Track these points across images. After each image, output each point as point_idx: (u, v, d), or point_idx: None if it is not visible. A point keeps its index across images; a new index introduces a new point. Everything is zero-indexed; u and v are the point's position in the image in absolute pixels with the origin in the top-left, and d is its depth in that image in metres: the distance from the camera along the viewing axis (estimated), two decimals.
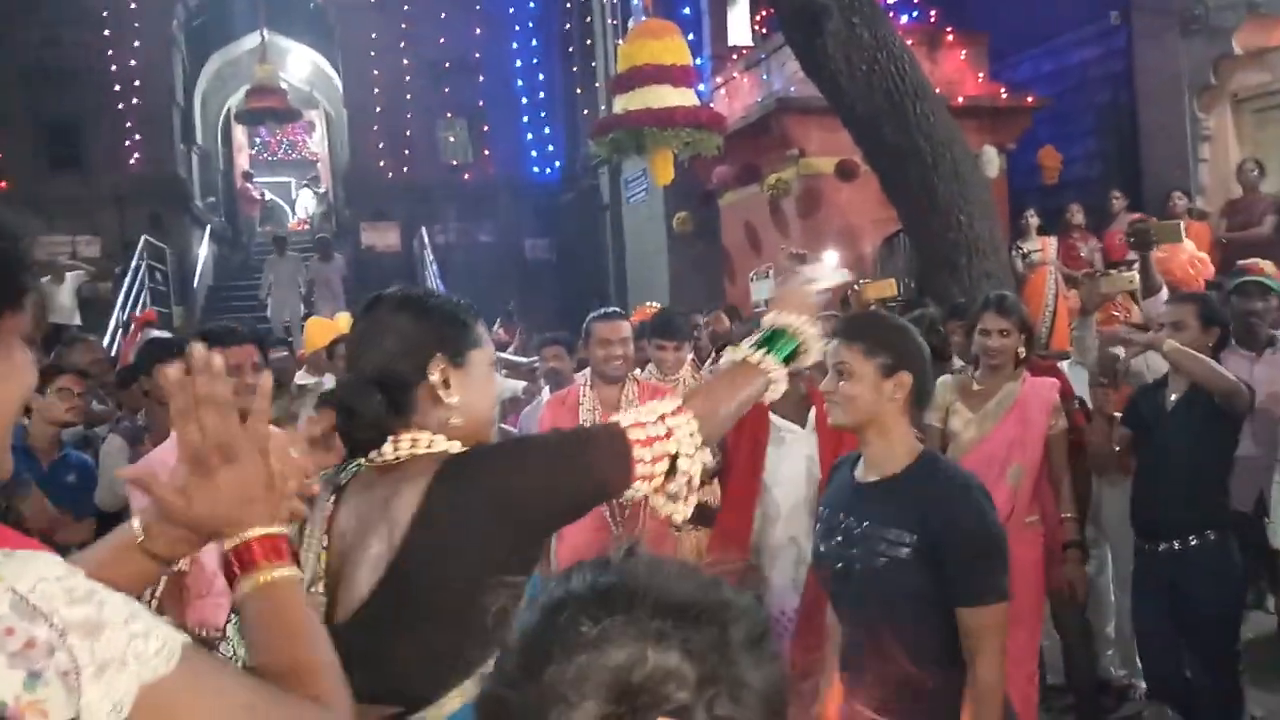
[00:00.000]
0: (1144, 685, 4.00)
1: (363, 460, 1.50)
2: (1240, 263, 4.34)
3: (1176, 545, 3.40)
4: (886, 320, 2.34)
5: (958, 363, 4.31)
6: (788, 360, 1.71)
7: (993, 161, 9.17)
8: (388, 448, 1.46)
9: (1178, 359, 3.36)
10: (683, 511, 1.56)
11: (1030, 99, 10.54)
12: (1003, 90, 10.53)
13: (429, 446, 1.46)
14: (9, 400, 0.96)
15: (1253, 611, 4.53)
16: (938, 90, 7.56)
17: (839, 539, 2.15)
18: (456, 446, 1.46)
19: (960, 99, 9.67)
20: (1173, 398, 3.50)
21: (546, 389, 5.09)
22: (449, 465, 1.42)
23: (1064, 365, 4.39)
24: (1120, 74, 10.41)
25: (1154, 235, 4.07)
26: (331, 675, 1.01)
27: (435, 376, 1.48)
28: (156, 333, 12.16)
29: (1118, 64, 10.46)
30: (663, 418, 1.53)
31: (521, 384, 5.95)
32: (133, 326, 13.01)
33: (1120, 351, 3.88)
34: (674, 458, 1.51)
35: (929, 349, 2.24)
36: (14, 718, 0.71)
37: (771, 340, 1.71)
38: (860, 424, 2.12)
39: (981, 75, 10.56)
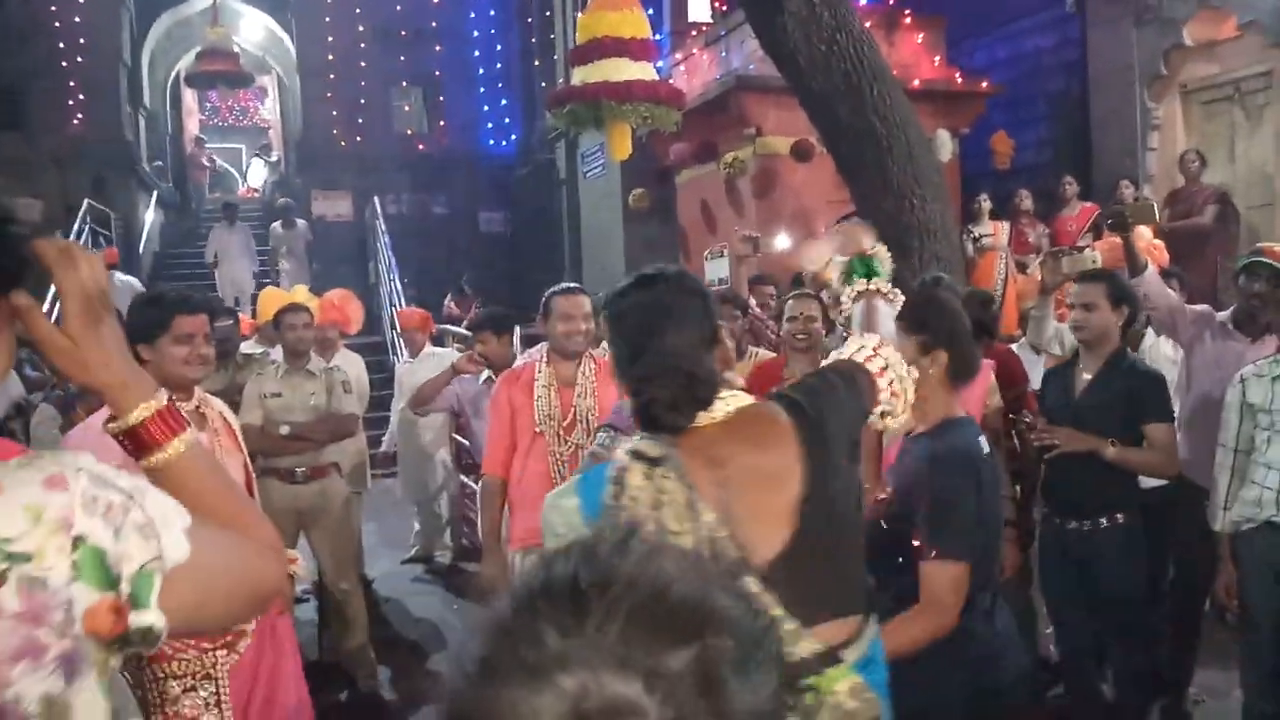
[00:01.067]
0: None
1: (683, 424, 1.62)
2: (1259, 244, 4.28)
3: (1086, 526, 3.46)
4: (934, 300, 2.55)
5: None
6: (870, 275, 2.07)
7: (946, 145, 9.25)
8: (719, 406, 1.62)
9: (1123, 461, 3.40)
10: (902, 420, 1.89)
11: (985, 84, 10.63)
12: (958, 75, 10.61)
13: (739, 401, 1.66)
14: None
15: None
16: (894, 73, 7.60)
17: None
18: (745, 397, 1.68)
19: (916, 82, 9.72)
20: (1085, 377, 3.55)
21: (487, 372, 5.06)
22: (796, 414, 1.62)
23: (1015, 347, 4.45)
24: (1074, 62, 10.52)
25: (1130, 216, 4.08)
26: (258, 517, 1.20)
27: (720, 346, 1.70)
28: (120, 276, 12.02)
29: (1072, 52, 10.57)
30: (876, 350, 1.83)
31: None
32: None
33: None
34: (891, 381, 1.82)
35: (977, 325, 2.57)
36: (113, 564, 0.93)
37: (856, 269, 2.07)
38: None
39: (938, 59, 10.62)
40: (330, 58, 16.25)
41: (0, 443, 1.05)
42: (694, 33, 11.84)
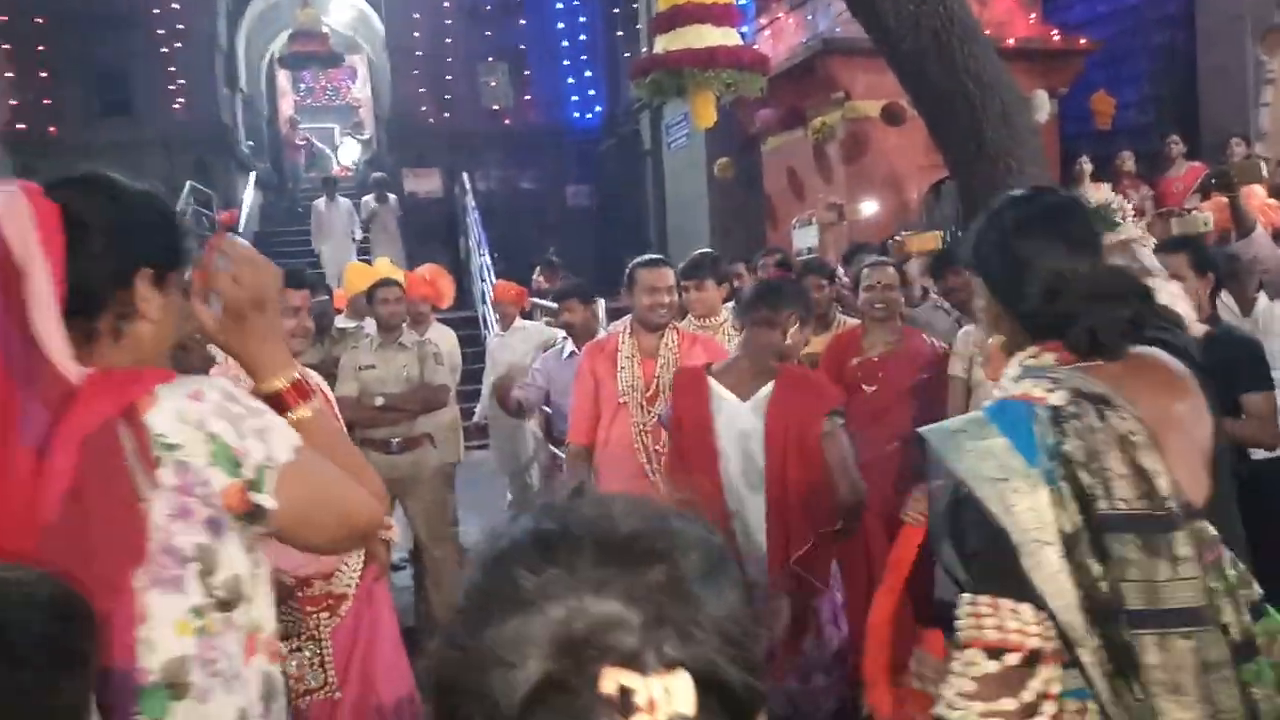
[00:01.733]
0: None
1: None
2: None
3: None
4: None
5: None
6: None
7: (1043, 106, 8.95)
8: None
9: None
10: None
11: (1083, 41, 10.26)
12: (1055, 32, 10.24)
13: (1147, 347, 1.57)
14: (167, 335, 1.43)
15: None
16: (988, 32, 7.36)
17: None
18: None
19: (1011, 41, 9.44)
20: None
21: (569, 341, 5.10)
22: (1188, 360, 1.55)
23: None
24: (1178, 15, 10.07)
25: (1235, 175, 3.91)
26: (368, 471, 1.47)
27: None
28: (236, 238, 12.50)
29: (1177, 4, 10.12)
30: None
31: (560, 333, 5.96)
32: (207, 250, 13.28)
33: None
34: None
35: None
36: (238, 456, 1.25)
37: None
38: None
39: (1034, 16, 10.27)
40: (417, 35, 16.45)
41: (160, 371, 1.35)
42: None
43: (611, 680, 0.58)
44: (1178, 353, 1.56)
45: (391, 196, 13.98)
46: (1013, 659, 1.31)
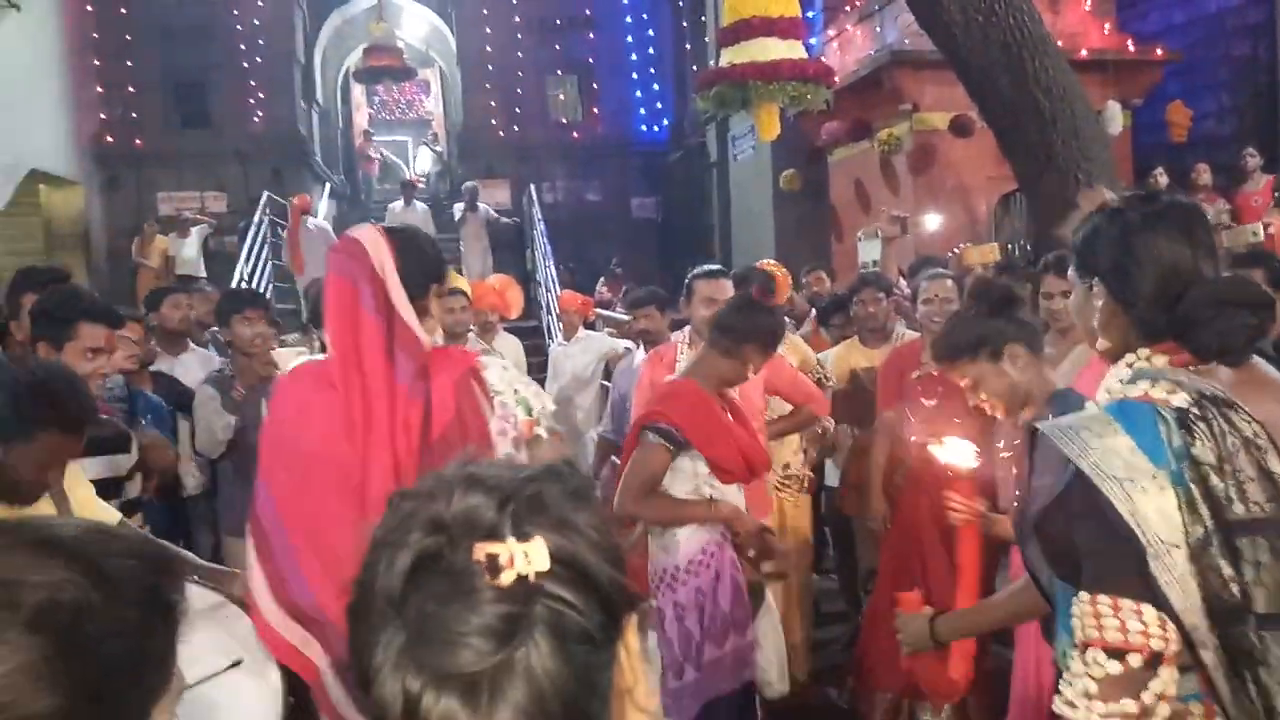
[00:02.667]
0: None
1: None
2: None
3: None
4: (972, 325, 2.56)
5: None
6: None
7: (1116, 118, 8.79)
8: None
9: None
10: None
11: (1159, 51, 10.04)
12: (1130, 42, 10.05)
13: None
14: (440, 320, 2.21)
15: None
16: (1060, 42, 7.28)
17: None
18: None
19: (1084, 52, 9.29)
20: None
21: (640, 349, 5.12)
22: None
23: None
24: (1261, 23, 9.82)
25: None
26: None
27: None
28: (313, 220, 12.96)
29: (1258, 12, 9.87)
30: None
31: (623, 343, 6.01)
32: (291, 215, 13.80)
33: None
34: None
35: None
36: (531, 403, 2.09)
37: None
38: (1018, 407, 2.49)
39: (1108, 26, 10.10)
40: (488, 49, 16.72)
41: (470, 350, 2.16)
42: (847, 8, 11.62)
43: (480, 551, 0.70)
44: (1272, 361, 1.57)
45: (482, 205, 13.96)
46: (1135, 660, 1.31)
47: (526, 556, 0.70)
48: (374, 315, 1.99)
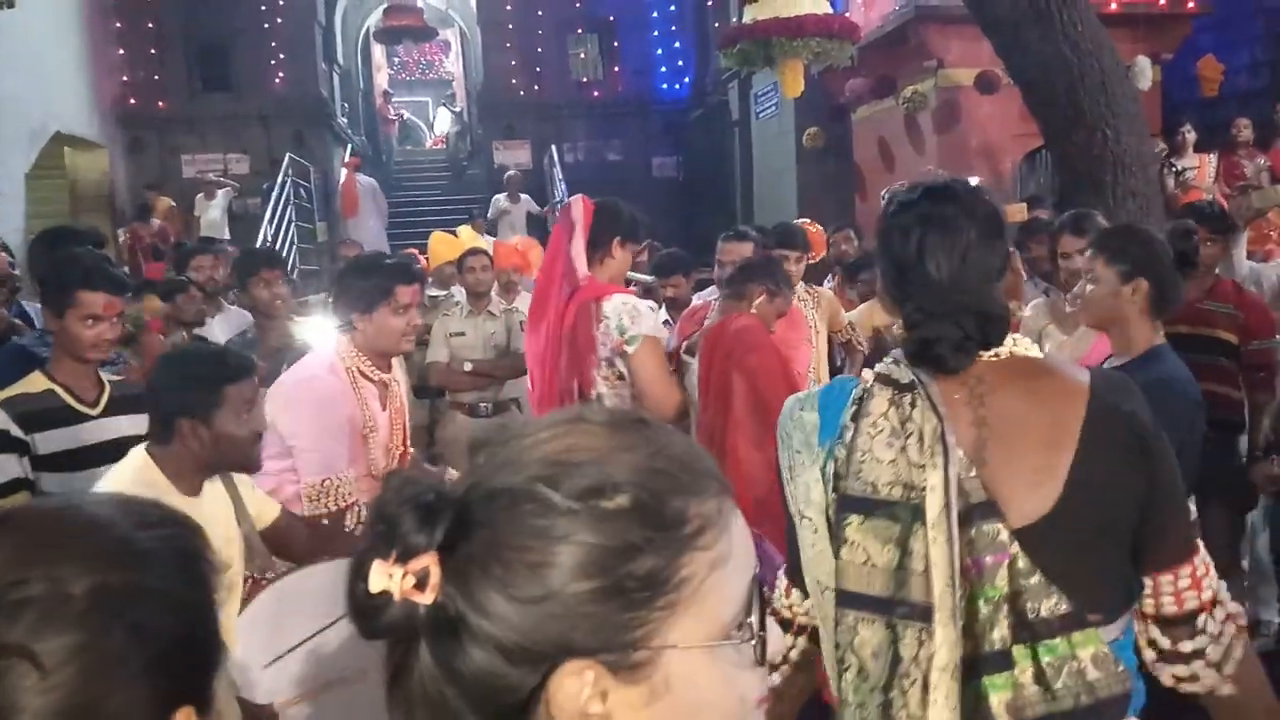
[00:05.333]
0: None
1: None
2: None
3: None
4: (1134, 231, 2.64)
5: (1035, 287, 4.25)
6: None
7: (1145, 73, 8.63)
8: (1008, 345, 1.45)
9: None
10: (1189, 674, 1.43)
11: (1191, 4, 9.83)
12: None
13: (1027, 349, 1.48)
14: (619, 269, 3.32)
15: None
16: None
17: None
18: (1036, 350, 1.49)
19: (1113, 5, 9.11)
20: None
21: (663, 309, 5.13)
22: (1100, 385, 1.42)
23: None
24: None
25: None
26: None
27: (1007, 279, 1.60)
28: (363, 178, 13.09)
29: None
30: (1227, 612, 1.44)
31: (646, 303, 6.00)
32: (345, 171, 14.01)
33: None
34: (1189, 614, 1.41)
35: (1180, 257, 2.59)
36: (627, 329, 3.04)
37: None
38: (1101, 322, 2.55)
39: None
40: (508, 8, 16.57)
41: (615, 286, 3.20)
42: None
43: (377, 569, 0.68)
44: (1113, 389, 1.45)
45: (524, 196, 13.50)
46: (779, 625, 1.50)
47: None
48: (562, 253, 3.13)
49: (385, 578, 0.64)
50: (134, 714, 0.70)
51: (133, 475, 2.15)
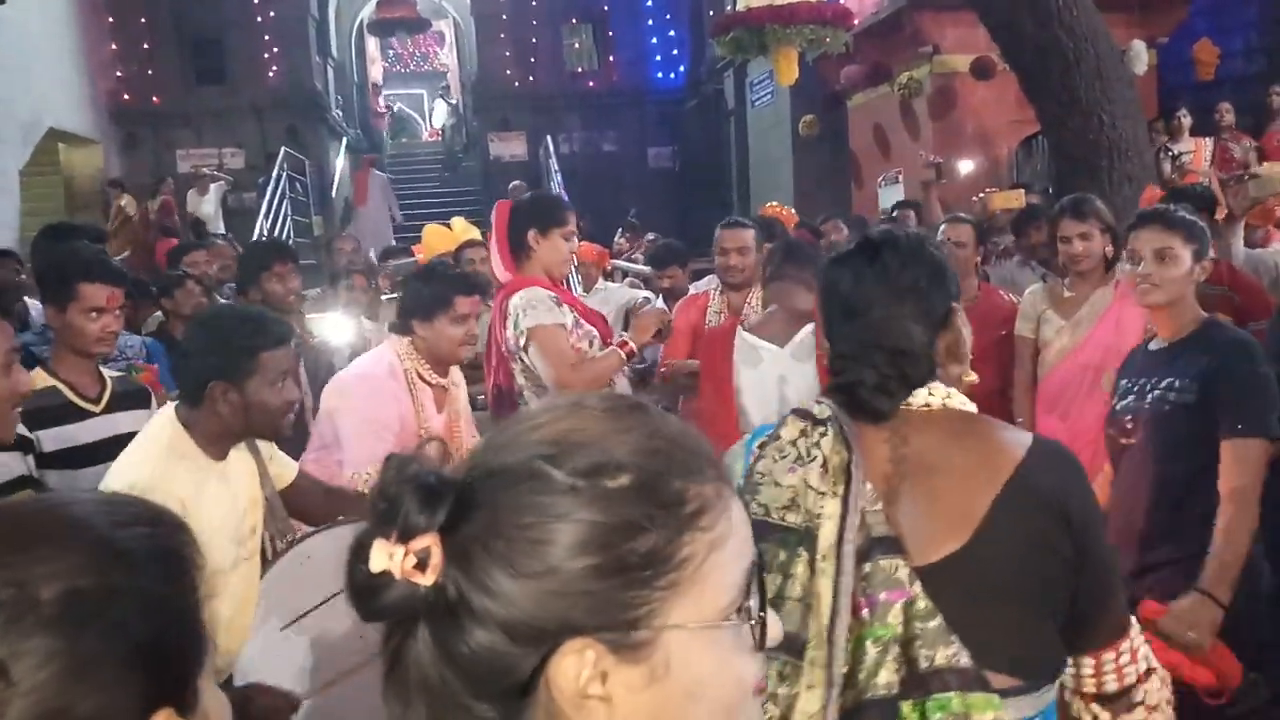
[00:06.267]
0: None
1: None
2: None
3: None
4: (1189, 214, 2.65)
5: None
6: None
7: (1140, 57, 8.62)
8: (937, 395, 1.40)
9: None
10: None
11: None
12: None
13: (963, 405, 1.42)
14: (550, 260, 3.34)
15: None
16: None
17: (1133, 397, 2.57)
18: (971, 406, 1.43)
19: None
20: None
21: (659, 300, 5.16)
22: (1039, 446, 1.36)
23: None
24: None
25: None
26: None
27: (948, 338, 1.44)
28: (376, 171, 13.40)
29: None
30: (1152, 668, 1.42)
31: (643, 294, 6.02)
32: (363, 164, 14.27)
33: None
34: (1128, 688, 1.39)
35: None
36: (518, 319, 3.16)
37: None
38: (1171, 300, 2.55)
39: None
40: None
41: (532, 279, 3.17)
42: None
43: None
44: (1047, 459, 1.39)
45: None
46: None
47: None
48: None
49: (386, 558, 0.64)
50: (111, 717, 0.68)
51: (163, 439, 2.14)
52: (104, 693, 0.68)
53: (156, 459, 2.09)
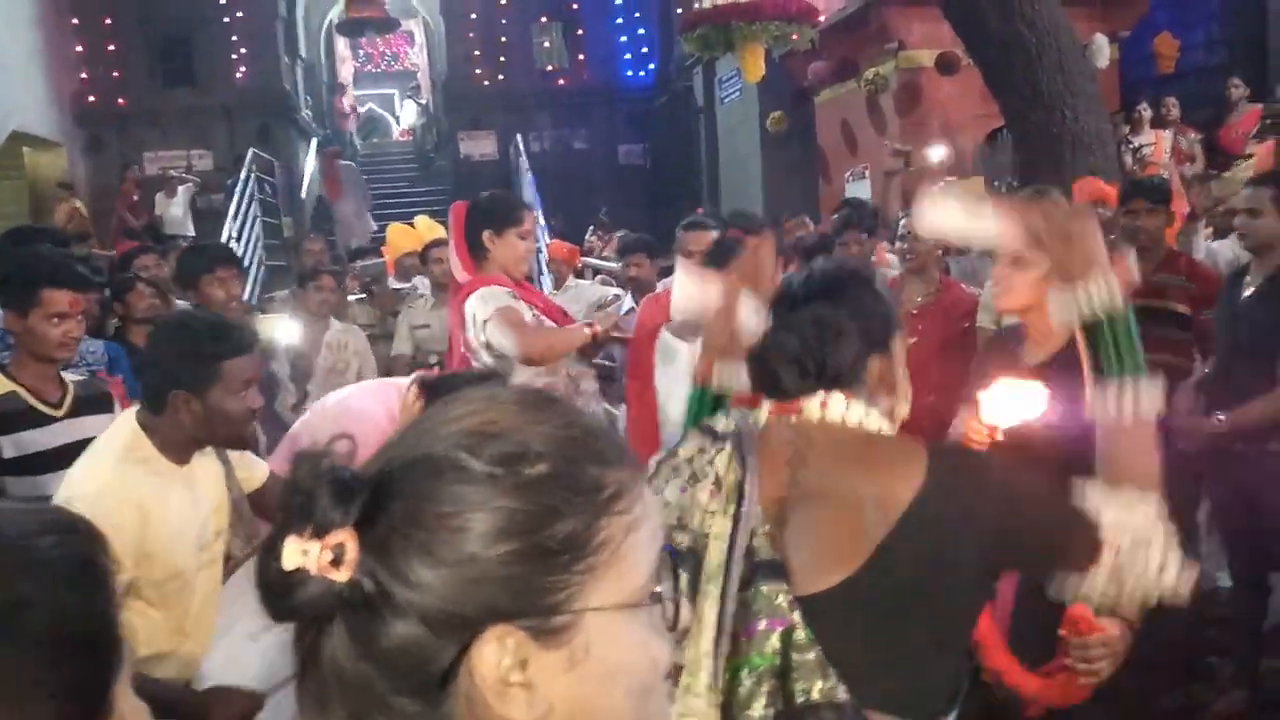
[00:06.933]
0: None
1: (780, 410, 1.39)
2: None
3: (1253, 449, 3.20)
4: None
5: None
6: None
7: (1102, 51, 8.71)
8: (854, 412, 1.35)
9: (1242, 423, 3.13)
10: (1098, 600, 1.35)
11: None
12: None
13: (879, 426, 1.37)
14: (505, 260, 3.32)
15: None
16: None
17: None
18: (889, 427, 1.39)
19: None
20: (1249, 289, 3.35)
21: (629, 296, 5.17)
22: (940, 462, 1.30)
23: None
24: None
25: None
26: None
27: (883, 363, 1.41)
28: (342, 162, 13.96)
29: None
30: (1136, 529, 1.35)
31: (613, 291, 6.04)
32: (329, 158, 14.70)
33: None
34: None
35: None
36: (472, 317, 3.16)
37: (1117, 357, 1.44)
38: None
39: None
40: None
41: (487, 279, 3.15)
42: None
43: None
44: (952, 469, 1.33)
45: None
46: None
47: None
48: None
49: (300, 554, 0.63)
50: None
51: (121, 444, 2.12)
52: (15, 705, 0.67)
53: (113, 464, 2.08)
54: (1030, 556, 1.34)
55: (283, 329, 3.88)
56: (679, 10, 14.76)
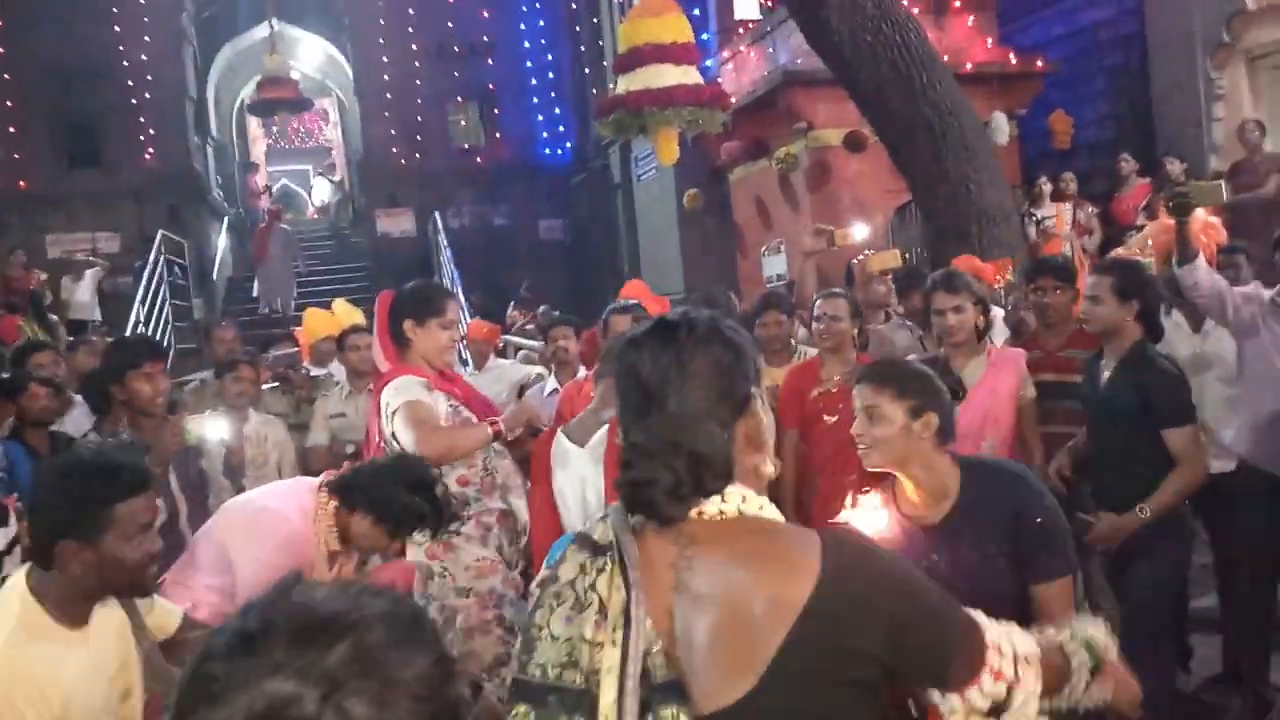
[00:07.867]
0: None
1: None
2: None
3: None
4: (910, 365, 2.39)
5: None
6: (1093, 672, 1.51)
7: (1002, 129, 9.10)
8: (731, 500, 1.26)
9: (1162, 508, 3.17)
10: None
11: (1040, 63, 10.43)
12: (1012, 55, 10.42)
13: (760, 509, 1.28)
14: (429, 349, 3.33)
15: None
16: (945, 57, 7.51)
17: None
18: (773, 510, 1.31)
19: (969, 65, 9.60)
20: (1105, 372, 3.37)
21: (551, 375, 5.13)
22: (834, 554, 1.22)
23: None
24: (1132, 34, 10.28)
25: (1193, 198, 3.80)
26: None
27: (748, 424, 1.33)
28: (282, 225, 13.89)
29: (1129, 24, 10.33)
30: (1024, 662, 1.34)
31: (535, 369, 5.99)
32: (269, 216, 14.66)
33: None
34: (1000, 705, 1.31)
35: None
36: (384, 405, 3.25)
37: (1089, 649, 1.52)
38: (897, 463, 2.21)
39: (990, 40, 10.45)
40: (386, 77, 16.57)
41: (404, 369, 3.21)
42: (741, 30, 11.83)
43: None
44: (842, 565, 1.24)
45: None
46: None
47: None
48: None
49: None
50: None
51: (10, 619, 1.89)
52: None
53: (7, 646, 1.86)
54: (919, 654, 1.27)
55: (211, 427, 3.74)
56: (594, 91, 15.04)
